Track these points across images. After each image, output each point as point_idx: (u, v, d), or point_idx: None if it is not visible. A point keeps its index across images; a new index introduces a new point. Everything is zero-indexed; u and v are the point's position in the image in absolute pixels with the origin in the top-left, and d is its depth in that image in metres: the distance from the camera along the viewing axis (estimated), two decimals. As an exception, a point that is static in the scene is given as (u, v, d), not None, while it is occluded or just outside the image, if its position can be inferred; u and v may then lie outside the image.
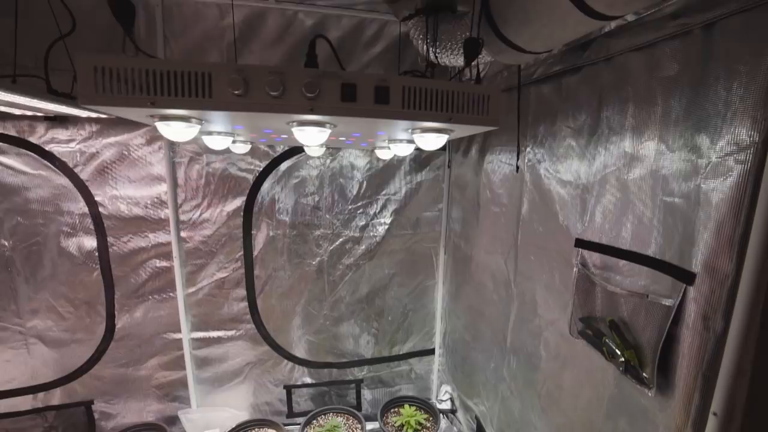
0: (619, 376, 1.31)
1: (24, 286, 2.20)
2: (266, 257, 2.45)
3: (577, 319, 1.48)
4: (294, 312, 2.56)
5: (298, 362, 2.63)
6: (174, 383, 2.52)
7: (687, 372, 1.04)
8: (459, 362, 2.59)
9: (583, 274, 1.45)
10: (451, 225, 2.66)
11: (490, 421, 2.19)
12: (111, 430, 2.50)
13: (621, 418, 1.30)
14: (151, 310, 2.38)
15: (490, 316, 2.17)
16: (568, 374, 1.57)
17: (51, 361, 2.31)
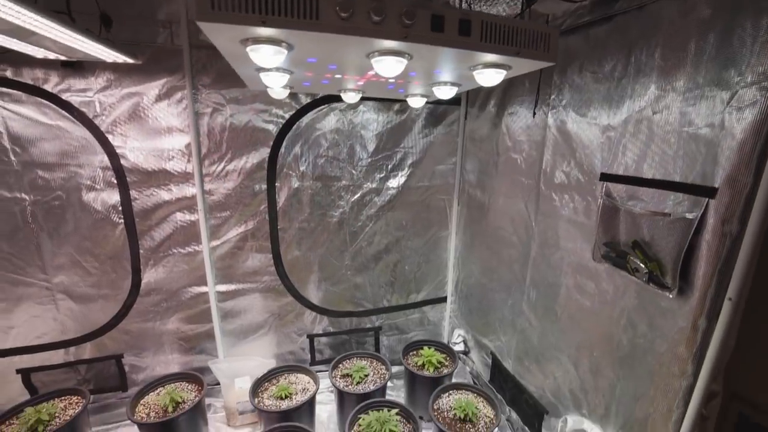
0: (640, 290, 1.57)
1: (47, 242, 2.22)
2: (290, 209, 2.56)
3: (600, 244, 1.71)
4: (316, 263, 2.71)
5: (320, 312, 2.81)
6: (200, 336, 2.65)
7: (705, 271, 1.29)
8: (474, 306, 2.85)
9: (607, 204, 1.67)
10: (465, 177, 2.85)
11: (507, 353, 2.47)
12: (142, 381, 2.62)
13: (640, 324, 1.57)
14: (177, 264, 2.46)
15: (508, 257, 2.40)
16: (589, 297, 1.82)
17: (79, 316, 2.38)
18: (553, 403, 2.08)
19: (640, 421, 1.58)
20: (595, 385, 1.81)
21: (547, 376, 2.12)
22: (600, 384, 1.78)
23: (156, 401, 2.33)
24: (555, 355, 2.04)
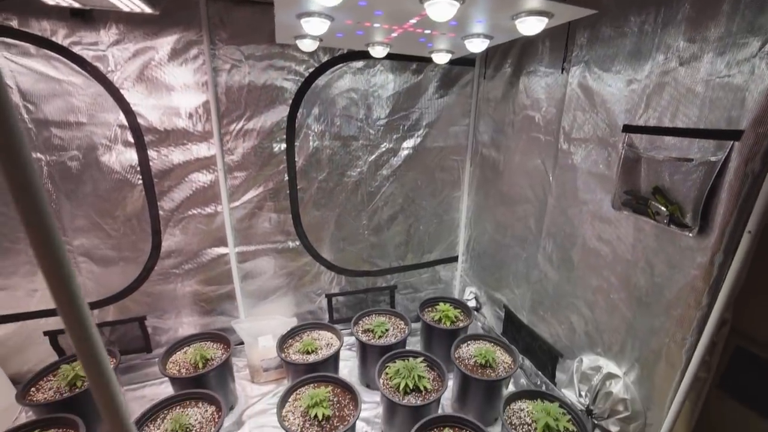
0: (659, 232, 1.71)
1: (66, 203, 2.22)
2: (308, 169, 2.60)
3: (621, 193, 1.84)
4: (334, 223, 2.79)
5: (338, 271, 2.91)
6: (221, 297, 2.72)
7: (726, 209, 1.42)
8: (486, 263, 3.00)
9: (629, 155, 1.78)
10: (479, 138, 2.93)
11: (521, 305, 2.64)
12: (165, 343, 2.71)
13: (658, 264, 1.72)
14: (196, 225, 2.50)
15: (523, 213, 2.53)
16: (607, 243, 1.96)
17: (101, 278, 2.41)
18: (568, 347, 2.26)
19: (655, 351, 1.76)
20: (611, 325, 1.99)
21: (561, 323, 2.30)
22: (616, 323, 1.96)
23: (184, 359, 2.43)
24: (571, 301, 2.21)
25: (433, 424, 1.90)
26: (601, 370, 2.00)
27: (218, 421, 1.92)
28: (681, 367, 1.67)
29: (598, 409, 1.99)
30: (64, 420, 1.88)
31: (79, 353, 0.62)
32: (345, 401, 2.07)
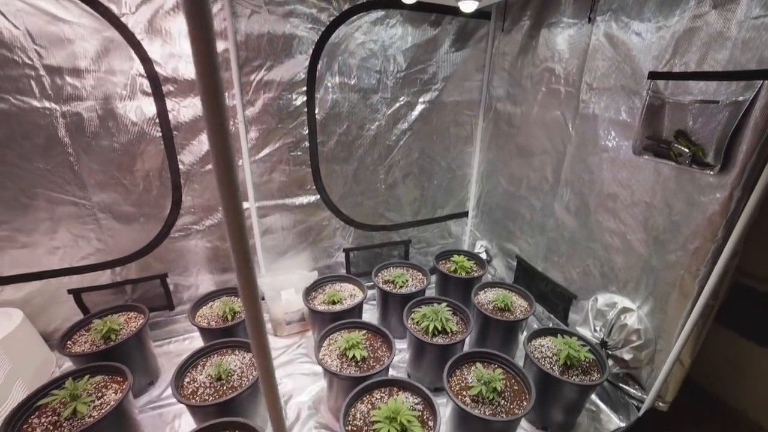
0: (679, 174, 1.84)
1: (84, 157, 2.18)
2: (328, 122, 2.61)
3: (643, 138, 1.95)
4: (353, 177, 2.84)
5: (356, 226, 2.99)
6: (242, 253, 2.76)
7: (749, 146, 1.55)
8: (498, 216, 3.13)
9: (653, 101, 1.88)
10: (493, 93, 2.97)
11: (535, 253, 2.80)
12: (187, 300, 2.76)
13: (677, 203, 1.86)
14: (215, 181, 2.49)
15: (540, 164, 2.63)
16: (626, 188, 2.10)
17: (122, 235, 2.41)
18: (583, 288, 2.44)
19: (670, 283, 1.94)
20: (626, 264, 2.15)
21: (576, 267, 2.47)
22: (631, 262, 2.13)
23: (210, 313, 2.49)
24: (587, 245, 2.36)
25: (464, 360, 2.05)
26: (616, 305, 2.19)
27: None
28: (693, 296, 1.86)
29: (612, 341, 2.20)
30: (110, 368, 1.94)
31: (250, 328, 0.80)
32: (377, 344, 2.20)
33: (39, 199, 2.17)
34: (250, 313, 0.82)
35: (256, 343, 0.86)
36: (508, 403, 1.81)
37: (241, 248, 0.75)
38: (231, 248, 0.72)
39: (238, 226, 0.71)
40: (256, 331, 0.85)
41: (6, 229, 2.16)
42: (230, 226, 0.72)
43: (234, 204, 0.69)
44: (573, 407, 2.02)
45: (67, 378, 1.83)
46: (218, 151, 0.65)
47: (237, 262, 0.76)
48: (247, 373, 2.00)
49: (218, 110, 0.63)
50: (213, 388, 1.90)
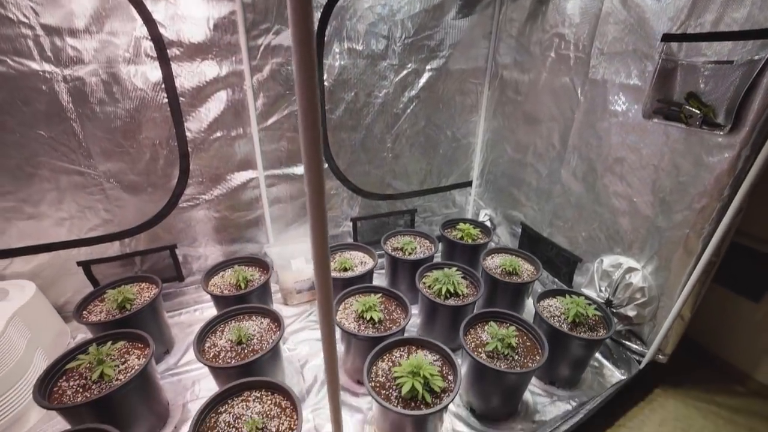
0: (687, 135, 1.89)
1: (88, 124, 2.13)
2: (336, 89, 2.58)
3: (654, 101, 1.99)
4: (360, 146, 2.83)
5: (363, 195, 3.01)
6: (250, 223, 2.78)
7: (760, 105, 1.60)
8: (503, 185, 3.18)
9: (666, 64, 1.91)
10: (499, 60, 2.96)
11: (541, 220, 2.87)
12: (197, 271, 2.77)
13: (685, 165, 1.92)
14: (225, 148, 2.48)
15: (547, 131, 2.66)
16: (634, 151, 2.15)
17: (130, 206, 2.39)
18: (588, 251, 2.53)
19: (674, 242, 2.03)
20: (632, 226, 2.23)
21: (582, 231, 2.55)
22: (637, 224, 2.21)
23: (222, 282, 2.51)
24: (593, 209, 2.43)
25: (477, 319, 2.13)
26: (621, 266, 2.28)
27: (277, 331, 2.07)
28: (697, 253, 1.95)
29: (617, 299, 2.30)
30: (130, 335, 1.96)
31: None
32: (392, 307, 2.26)
33: (43, 169, 2.13)
34: (322, 287, 0.89)
35: (324, 322, 0.94)
36: (521, 357, 1.91)
37: (320, 228, 0.81)
38: (311, 225, 0.81)
39: (318, 202, 0.77)
40: (326, 307, 0.93)
41: (11, 199, 2.12)
42: (311, 202, 0.78)
43: (318, 184, 0.75)
44: (580, 362, 2.13)
45: (90, 344, 1.85)
46: (308, 130, 0.70)
47: (315, 242, 0.85)
48: (267, 337, 2.05)
49: (310, 84, 0.66)
50: (234, 352, 1.94)
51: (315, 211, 0.81)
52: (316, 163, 0.75)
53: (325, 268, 0.90)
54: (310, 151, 0.73)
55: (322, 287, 0.93)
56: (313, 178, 0.78)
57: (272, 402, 1.66)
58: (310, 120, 0.70)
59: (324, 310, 0.98)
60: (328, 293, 0.96)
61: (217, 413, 1.62)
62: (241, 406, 1.64)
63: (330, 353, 1.08)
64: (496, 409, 1.98)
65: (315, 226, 0.83)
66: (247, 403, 1.66)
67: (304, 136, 0.71)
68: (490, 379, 1.86)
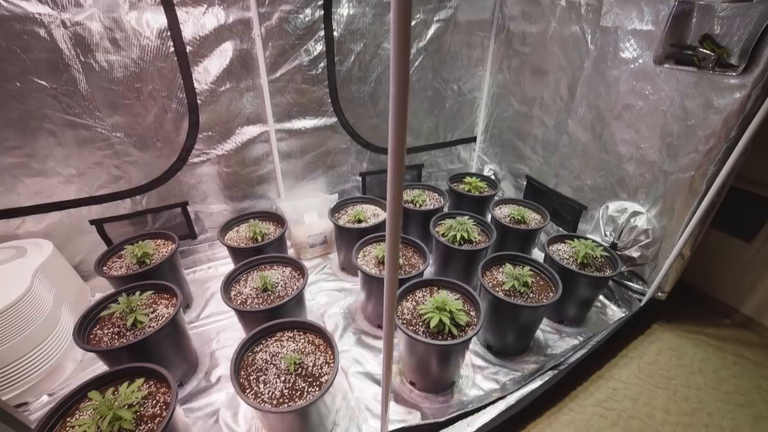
0: (698, 79, 1.93)
1: (92, 74, 2.04)
2: (346, 39, 2.51)
3: (666, 46, 2.01)
4: (369, 99, 2.79)
5: (372, 149, 3.00)
6: (261, 178, 2.76)
7: (774, 44, 1.64)
8: (508, 138, 3.21)
9: (681, 6, 1.91)
10: (506, 12, 2.90)
11: (546, 172, 2.93)
12: (208, 228, 2.77)
13: (693, 109, 1.98)
14: (234, 100, 2.42)
15: (555, 82, 2.67)
16: (643, 98, 2.19)
17: (140, 162, 2.34)
18: (594, 199, 2.61)
19: (679, 184, 2.12)
20: (638, 172, 2.31)
21: (587, 179, 2.62)
22: (643, 170, 2.28)
23: (237, 236, 2.52)
24: (600, 158, 2.49)
25: (493, 262, 2.22)
26: (626, 210, 2.38)
27: (300, 279, 2.11)
28: (701, 193, 2.04)
29: (621, 242, 2.42)
30: (156, 286, 1.98)
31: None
32: (409, 254, 2.32)
33: (49, 122, 2.05)
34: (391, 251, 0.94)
35: (389, 276, 0.99)
36: (536, 295, 2.01)
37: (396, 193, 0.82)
38: (388, 184, 0.81)
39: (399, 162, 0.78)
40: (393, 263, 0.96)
41: (18, 155, 2.05)
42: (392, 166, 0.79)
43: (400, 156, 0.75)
44: (586, 302, 2.25)
45: (120, 294, 1.87)
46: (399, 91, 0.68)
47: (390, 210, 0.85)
48: (290, 284, 2.09)
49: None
50: (261, 299, 1.99)
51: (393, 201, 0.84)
52: (399, 155, 0.76)
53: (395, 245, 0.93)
54: (397, 139, 0.73)
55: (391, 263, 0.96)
56: (395, 174, 0.79)
57: (305, 340, 1.73)
58: (400, 106, 0.69)
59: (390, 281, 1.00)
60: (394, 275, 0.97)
61: (253, 352, 1.68)
62: (275, 346, 1.71)
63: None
64: (511, 346, 2.10)
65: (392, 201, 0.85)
66: (281, 342, 1.72)
67: (394, 121, 0.71)
68: (508, 315, 1.96)
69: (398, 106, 0.69)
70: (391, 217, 0.88)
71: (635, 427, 1.90)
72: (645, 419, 1.94)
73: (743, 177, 2.29)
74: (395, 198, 0.84)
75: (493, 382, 1.98)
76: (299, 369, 1.58)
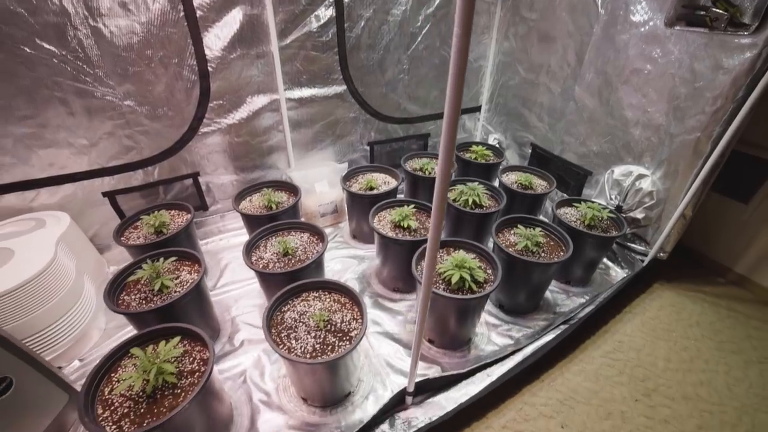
0: (708, 40, 1.96)
1: (102, 39, 1.98)
2: (355, 4, 2.47)
3: (678, 7, 2.02)
4: (378, 66, 2.77)
5: (380, 119, 3.00)
6: (272, 148, 2.75)
7: (786, 2, 1.66)
8: (513, 106, 3.22)
9: (695, -35, 1.92)
10: (514, -26, 2.87)
11: (552, 139, 2.97)
12: (220, 199, 2.77)
13: (702, 70, 2.01)
14: (245, 68, 2.38)
15: (562, 48, 2.67)
16: (652, 61, 2.21)
17: (152, 132, 2.31)
18: (599, 164, 2.67)
19: (685, 146, 2.17)
20: (644, 136, 2.36)
21: (593, 145, 2.66)
22: (649, 134, 2.33)
23: (251, 206, 2.53)
24: (606, 123, 2.53)
25: (505, 224, 2.28)
26: (631, 174, 2.44)
27: (319, 243, 2.15)
28: (706, 154, 2.10)
29: (626, 205, 2.49)
30: (178, 252, 2.00)
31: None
32: (423, 218, 2.37)
33: (60, 90, 2.00)
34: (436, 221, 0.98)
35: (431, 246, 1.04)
36: (547, 254, 2.08)
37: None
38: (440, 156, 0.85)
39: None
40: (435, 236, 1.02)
41: (31, 124, 2.01)
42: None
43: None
44: (592, 262, 2.34)
45: (144, 261, 1.89)
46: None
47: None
48: (309, 249, 2.13)
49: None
50: (282, 263, 2.02)
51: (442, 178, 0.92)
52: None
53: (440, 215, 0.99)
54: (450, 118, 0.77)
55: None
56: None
57: (331, 299, 1.78)
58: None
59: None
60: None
61: (281, 312, 1.73)
62: (302, 305, 1.75)
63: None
64: (522, 305, 2.19)
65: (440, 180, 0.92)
66: (308, 302, 1.77)
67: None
68: (522, 273, 2.03)
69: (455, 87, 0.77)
70: (440, 183, 0.95)
71: (640, 375, 2.02)
72: (648, 367, 2.06)
73: (744, 140, 2.36)
74: (445, 165, 0.89)
75: (507, 338, 2.07)
76: (328, 325, 1.63)
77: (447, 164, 0.89)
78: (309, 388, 1.67)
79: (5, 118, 1.94)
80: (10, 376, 1.30)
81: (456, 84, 0.76)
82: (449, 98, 0.78)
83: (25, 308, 1.67)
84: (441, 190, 0.96)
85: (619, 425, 1.79)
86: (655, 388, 1.95)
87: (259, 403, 1.75)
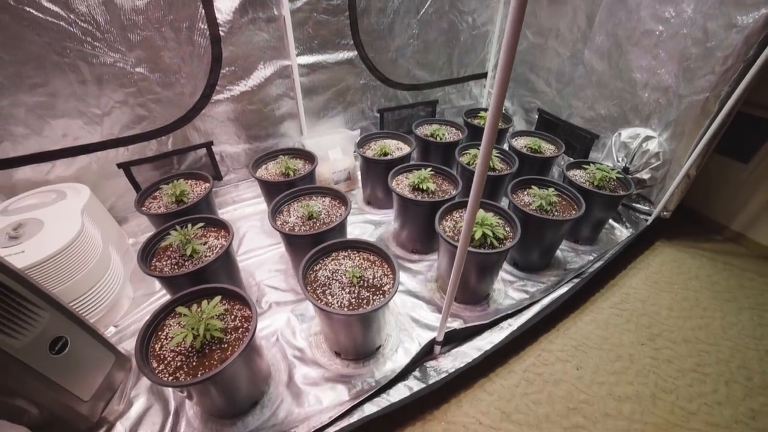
0: (722, -1, 1.97)
1: (109, 3, 1.91)
2: (366, -34, 2.40)
3: (694, -35, 2.02)
4: (389, 33, 2.73)
5: (390, 85, 2.98)
6: (284, 116, 2.72)
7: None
8: (520, 72, 3.22)
9: None
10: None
11: (559, 104, 2.99)
12: (234, 169, 2.76)
13: (715, 29, 2.03)
14: (257, 33, 2.32)
15: (573, 11, 2.66)
16: (664, 22, 2.22)
17: (165, 100, 2.27)
18: (607, 127, 2.71)
19: (693, 106, 2.22)
20: (653, 98, 2.40)
21: (601, 109, 2.70)
22: (658, 96, 2.37)
23: (267, 173, 2.52)
24: (615, 86, 2.56)
25: (519, 186, 2.34)
26: (638, 136, 2.50)
27: (343, 209, 2.17)
28: (713, 114, 2.16)
29: (633, 166, 2.56)
30: (204, 219, 2.02)
31: None
32: (440, 181, 2.41)
33: (69, 56, 1.94)
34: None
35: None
36: (560, 213, 2.15)
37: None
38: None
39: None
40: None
41: (42, 93, 1.95)
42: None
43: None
44: (600, 222, 2.42)
45: (172, 227, 1.90)
46: None
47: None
48: (332, 212, 2.16)
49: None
50: (308, 226, 2.06)
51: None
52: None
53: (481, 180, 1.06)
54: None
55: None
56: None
57: (360, 258, 1.84)
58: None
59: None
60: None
61: (313, 271, 1.78)
62: (333, 264, 1.80)
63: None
64: (535, 262, 2.28)
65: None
66: (338, 261, 1.82)
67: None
68: (537, 231, 2.11)
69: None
70: (485, 147, 1.02)
71: (645, 322, 2.15)
72: (652, 315, 2.19)
73: (749, 101, 2.42)
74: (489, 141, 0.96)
75: (523, 292, 2.17)
76: (361, 281, 1.69)
77: (493, 129, 0.97)
78: (343, 342, 1.75)
79: (16, 85, 1.89)
80: (65, 336, 1.34)
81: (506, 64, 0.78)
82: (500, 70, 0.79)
83: (61, 276, 1.69)
84: (485, 155, 1.03)
85: (628, 366, 1.92)
86: (658, 333, 2.09)
87: (294, 359, 1.83)
